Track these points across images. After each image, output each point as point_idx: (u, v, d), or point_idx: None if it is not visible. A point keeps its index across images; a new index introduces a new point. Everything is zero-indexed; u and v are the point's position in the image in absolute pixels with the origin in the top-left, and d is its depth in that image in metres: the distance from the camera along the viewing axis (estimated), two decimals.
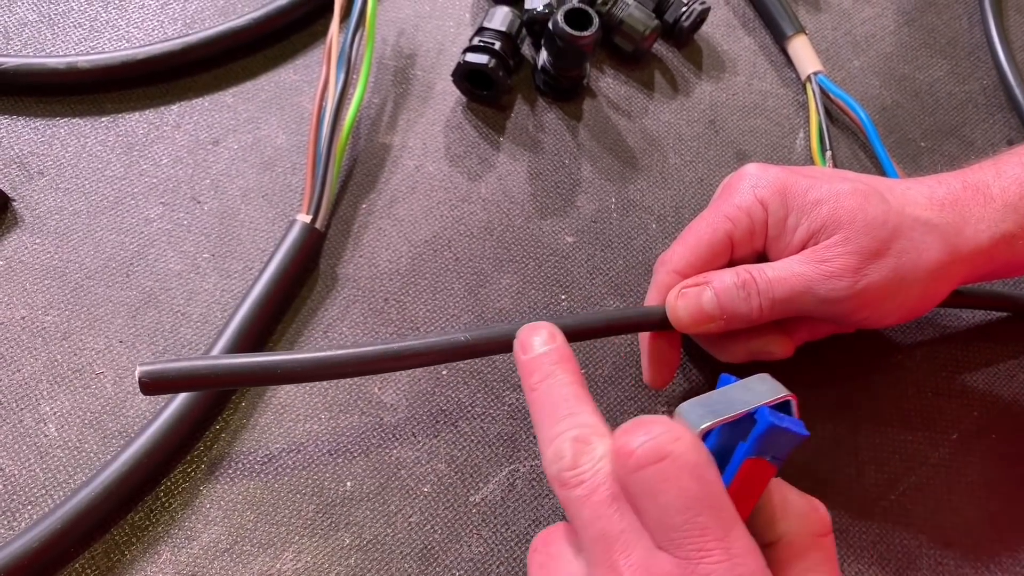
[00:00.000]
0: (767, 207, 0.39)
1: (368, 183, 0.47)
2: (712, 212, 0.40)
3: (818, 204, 0.38)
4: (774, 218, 0.39)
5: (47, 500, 0.37)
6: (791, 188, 0.39)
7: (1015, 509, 0.43)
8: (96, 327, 0.41)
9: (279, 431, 0.40)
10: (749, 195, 0.39)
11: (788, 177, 0.39)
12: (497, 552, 0.39)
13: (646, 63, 0.54)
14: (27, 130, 0.45)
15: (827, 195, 0.38)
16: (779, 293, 0.37)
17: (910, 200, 0.38)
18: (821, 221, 0.37)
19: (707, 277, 0.38)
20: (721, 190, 0.41)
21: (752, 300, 0.37)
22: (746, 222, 0.39)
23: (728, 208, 0.39)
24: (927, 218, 0.38)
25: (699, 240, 0.40)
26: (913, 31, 0.59)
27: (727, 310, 0.38)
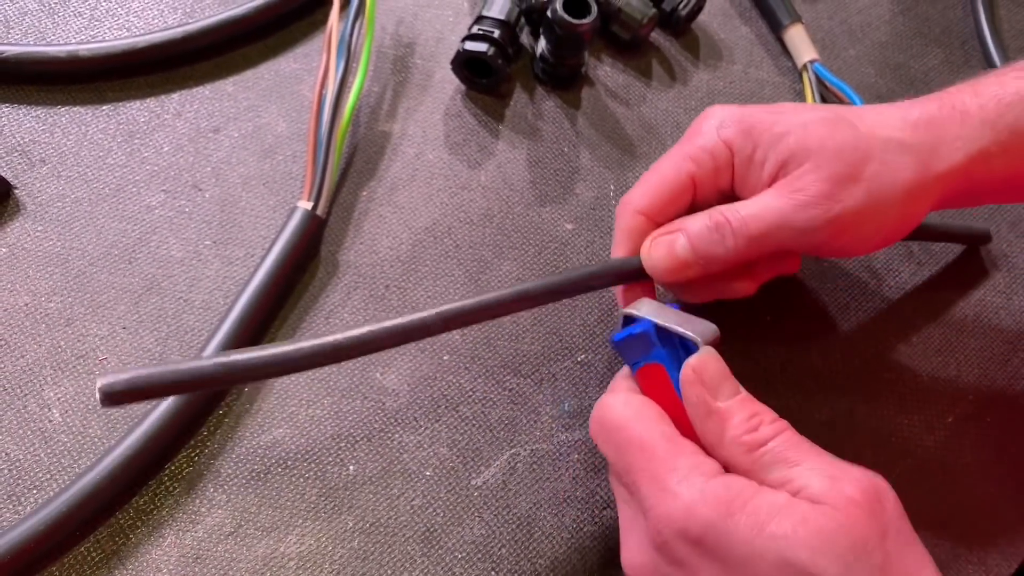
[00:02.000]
0: (732, 146, 0.38)
1: (368, 170, 0.48)
2: (675, 152, 0.39)
3: (784, 135, 0.37)
4: (740, 156, 0.38)
5: (52, 485, 0.38)
6: (756, 124, 0.38)
7: (1010, 491, 0.44)
8: (99, 313, 0.41)
9: (282, 416, 0.40)
10: (712, 135, 0.38)
11: (753, 113, 0.38)
12: (499, 534, 0.39)
13: (644, 52, 0.55)
14: (29, 118, 0.46)
15: (793, 125, 0.37)
16: (754, 230, 0.36)
17: (882, 123, 0.37)
18: (789, 151, 0.36)
19: (679, 223, 0.38)
20: (687, 132, 0.40)
21: (727, 241, 0.37)
22: (709, 163, 0.38)
23: (691, 148, 0.39)
24: (900, 139, 0.36)
25: (662, 180, 0.39)
26: (908, 20, 0.59)
27: (702, 254, 0.37)
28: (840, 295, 0.48)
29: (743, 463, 0.31)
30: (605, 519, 0.40)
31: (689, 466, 0.31)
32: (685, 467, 0.31)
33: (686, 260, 0.37)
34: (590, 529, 0.40)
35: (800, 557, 0.27)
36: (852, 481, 0.29)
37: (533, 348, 0.44)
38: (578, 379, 0.43)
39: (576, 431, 0.42)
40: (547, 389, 0.43)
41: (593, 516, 0.40)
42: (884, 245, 0.39)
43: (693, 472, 0.31)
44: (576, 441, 0.42)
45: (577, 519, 0.40)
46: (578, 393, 0.43)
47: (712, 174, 0.38)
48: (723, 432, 0.32)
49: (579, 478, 0.41)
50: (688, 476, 0.31)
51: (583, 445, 0.42)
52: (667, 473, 0.31)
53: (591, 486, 0.41)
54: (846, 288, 0.48)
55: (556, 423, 0.42)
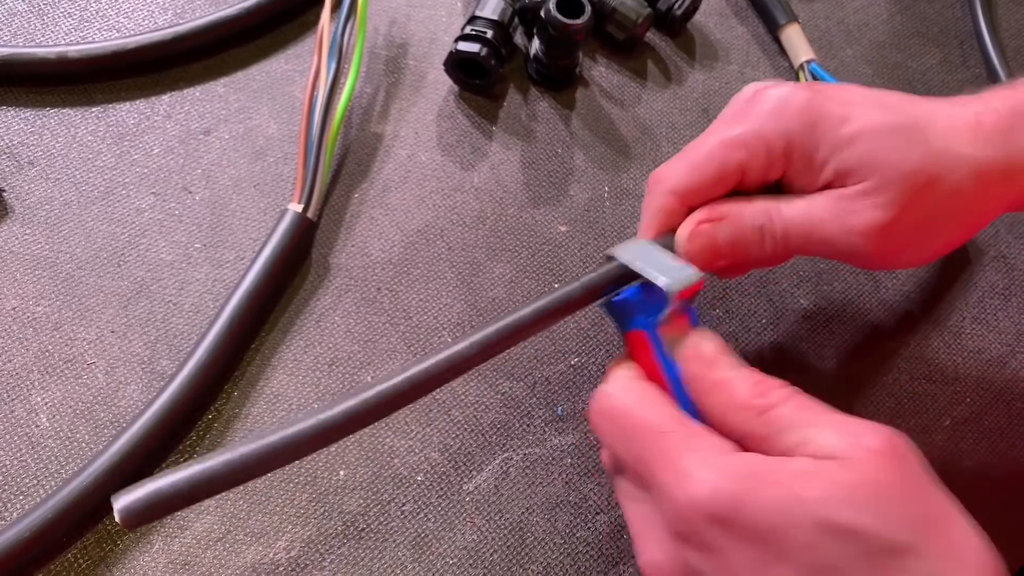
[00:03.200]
0: (792, 139, 0.34)
1: (360, 172, 0.47)
2: (725, 133, 0.35)
3: (852, 141, 0.33)
4: (799, 152, 0.34)
5: (39, 490, 0.37)
6: (823, 120, 0.34)
7: (1008, 495, 0.43)
8: (87, 317, 0.41)
9: (271, 420, 0.40)
10: (772, 124, 0.34)
11: (820, 104, 0.34)
12: (490, 540, 0.39)
13: (639, 52, 0.54)
14: (17, 120, 0.45)
15: (863, 131, 0.33)
16: (795, 238, 0.34)
17: (954, 133, 0.34)
18: (854, 161, 0.33)
19: (721, 212, 0.35)
20: (740, 105, 0.36)
21: (766, 244, 0.35)
22: (763, 154, 0.35)
23: (745, 134, 0.35)
24: (970, 155, 0.34)
25: (708, 162, 0.35)
26: (905, 19, 0.59)
27: (740, 251, 0.35)
28: (837, 297, 0.47)
29: (755, 430, 0.30)
30: (598, 524, 0.40)
31: (706, 447, 0.29)
32: (702, 448, 0.29)
33: (724, 253, 0.35)
34: (583, 534, 0.40)
35: (838, 516, 0.26)
36: (871, 434, 0.28)
37: (526, 351, 0.43)
38: (571, 383, 0.43)
39: (569, 435, 0.42)
40: (540, 393, 0.42)
41: (586, 521, 0.40)
42: (933, 261, 0.38)
43: (711, 452, 0.29)
44: (569, 445, 0.41)
45: (570, 524, 0.40)
46: (571, 397, 0.42)
47: (764, 165, 0.35)
48: (730, 401, 0.30)
49: (572, 483, 0.41)
50: (707, 456, 0.29)
51: (576, 449, 0.41)
52: (684, 455, 0.29)
53: (584, 491, 0.40)
54: (843, 290, 0.48)
55: (549, 427, 0.42)
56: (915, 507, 0.26)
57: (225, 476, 0.29)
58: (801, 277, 0.48)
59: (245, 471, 0.29)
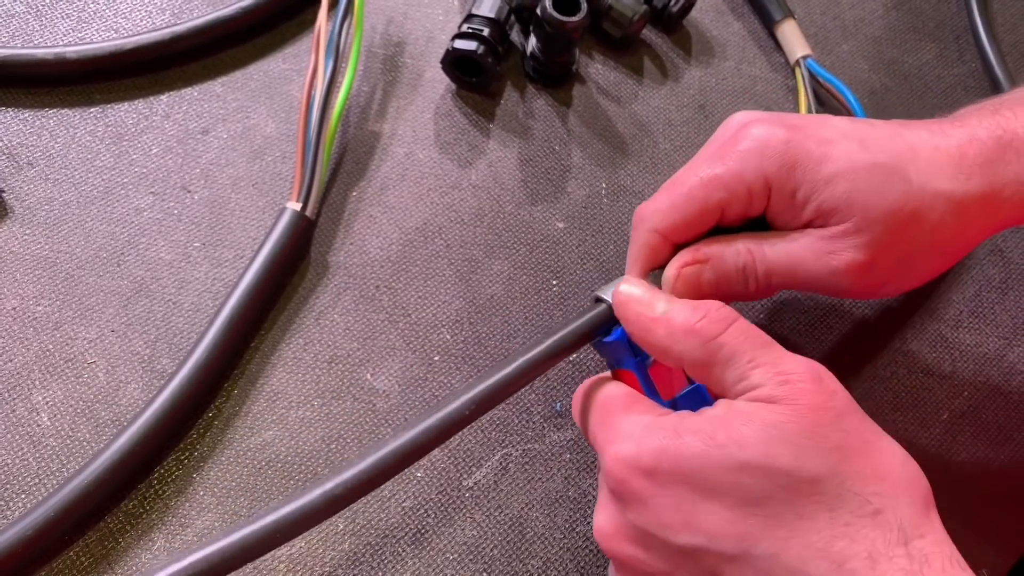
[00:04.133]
0: (771, 183, 0.35)
1: (358, 171, 0.47)
2: (706, 172, 0.36)
3: (832, 182, 0.34)
4: (779, 193, 0.35)
5: (40, 489, 0.37)
6: (802, 159, 0.34)
7: (1006, 488, 0.44)
8: (87, 316, 0.41)
9: (272, 418, 0.40)
10: (753, 166, 0.35)
11: (799, 144, 0.35)
12: (490, 535, 0.39)
13: (635, 49, 0.54)
14: (16, 121, 0.45)
15: (843, 171, 0.34)
16: (778, 277, 0.36)
17: (936, 168, 0.34)
18: (834, 202, 0.34)
19: (705, 254, 0.36)
20: (722, 142, 0.37)
21: (749, 284, 0.36)
22: (743, 194, 0.35)
23: (727, 176, 0.35)
24: (951, 191, 0.34)
25: (688, 201, 0.36)
26: (901, 15, 0.59)
27: (724, 291, 0.36)
28: None
29: (701, 358, 0.31)
30: None
31: (642, 410, 0.32)
32: (637, 411, 0.32)
33: (708, 294, 0.36)
34: (582, 529, 0.40)
35: (753, 455, 0.28)
36: (800, 374, 0.30)
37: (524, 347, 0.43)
38: (570, 379, 0.43)
39: (568, 431, 0.42)
40: (539, 389, 0.43)
41: (586, 516, 0.40)
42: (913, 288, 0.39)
43: (644, 414, 0.32)
44: (568, 441, 0.41)
45: (569, 519, 0.40)
46: (569, 392, 0.43)
47: (744, 204, 0.36)
48: (671, 330, 0.32)
49: (571, 478, 0.41)
50: (639, 418, 0.32)
51: (575, 445, 0.41)
52: (619, 420, 0.32)
53: (583, 486, 0.41)
54: None
55: (548, 423, 0.42)
56: (833, 438, 0.28)
57: None
58: None
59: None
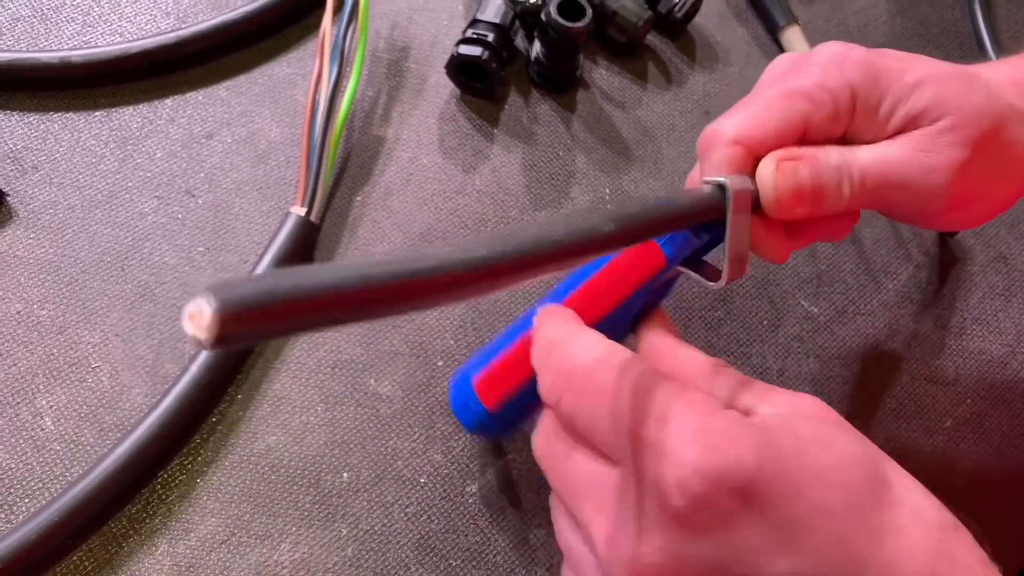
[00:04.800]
0: (856, 91, 0.33)
1: (362, 176, 0.47)
2: (787, 84, 0.33)
3: (918, 86, 0.32)
4: (864, 104, 0.33)
5: (44, 493, 0.37)
6: (884, 69, 0.33)
7: (1009, 496, 0.44)
8: (91, 321, 0.41)
9: (275, 423, 0.40)
10: (835, 75, 0.33)
11: (878, 58, 0.33)
12: (494, 541, 0.39)
13: (639, 54, 0.54)
14: (21, 125, 0.45)
15: (928, 77, 0.33)
16: (872, 181, 0.33)
17: (1000, 85, 0.34)
18: (924, 104, 0.32)
19: (799, 152, 0.32)
20: (787, 65, 0.35)
21: (844, 187, 0.32)
22: (829, 105, 0.32)
23: (808, 85, 0.32)
24: (1018, 105, 0.33)
25: (770, 112, 0.32)
26: (905, 21, 0.59)
27: (820, 196, 0.32)
28: (837, 298, 0.47)
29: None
30: None
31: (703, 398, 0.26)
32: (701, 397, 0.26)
33: (807, 195, 0.32)
34: None
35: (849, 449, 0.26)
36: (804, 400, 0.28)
37: None
38: None
39: None
40: None
41: None
42: (988, 220, 0.36)
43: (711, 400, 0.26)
44: None
45: None
46: None
47: (829, 118, 0.33)
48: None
49: None
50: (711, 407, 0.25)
51: None
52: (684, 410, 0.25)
53: None
54: (844, 291, 0.48)
55: None
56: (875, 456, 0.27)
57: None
58: (802, 279, 0.48)
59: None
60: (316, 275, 0.19)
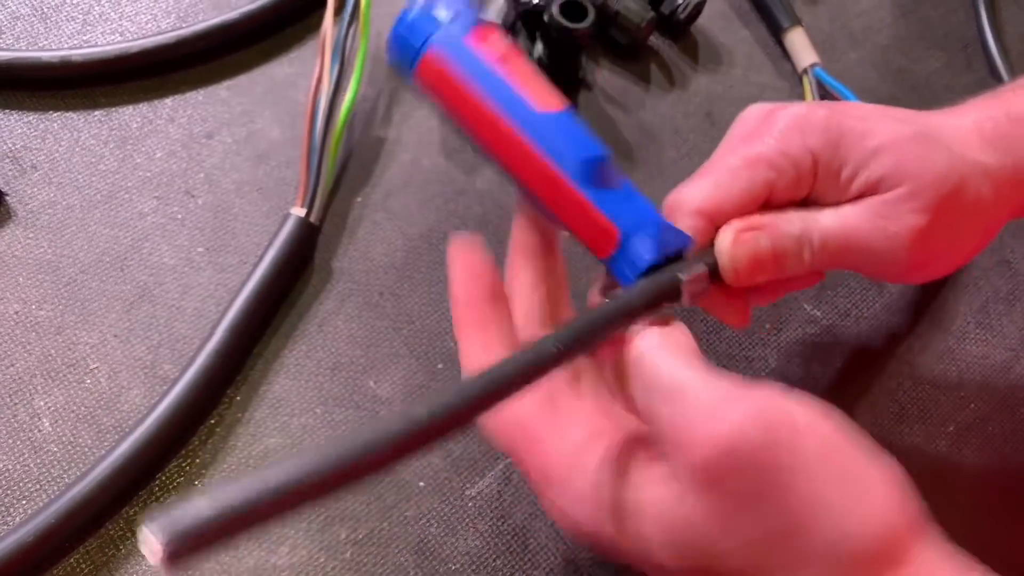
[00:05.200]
0: (817, 157, 0.33)
1: (363, 177, 0.47)
2: (748, 151, 0.34)
3: (878, 152, 0.33)
4: (825, 169, 0.33)
5: (41, 495, 0.37)
6: (846, 134, 0.33)
7: (1013, 501, 0.43)
8: (90, 321, 0.41)
9: (274, 425, 0.40)
10: (797, 144, 0.33)
11: (839, 121, 0.34)
12: (494, 545, 0.39)
13: (642, 56, 0.54)
14: (20, 124, 0.45)
15: (887, 142, 0.33)
16: (833, 246, 0.33)
17: (963, 140, 0.34)
18: (882, 171, 0.33)
19: (759, 222, 0.33)
20: (751, 124, 0.35)
21: (805, 255, 0.33)
22: (791, 173, 0.33)
23: (772, 153, 0.33)
24: (983, 163, 0.34)
25: (734, 181, 0.33)
26: (910, 23, 0.59)
27: (779, 263, 0.33)
28: (840, 302, 0.47)
29: None
30: None
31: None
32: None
33: (766, 265, 0.33)
34: None
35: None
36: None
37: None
38: None
39: None
40: None
41: None
42: (953, 271, 0.37)
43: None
44: None
45: None
46: None
47: (791, 184, 0.33)
48: None
49: None
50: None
51: None
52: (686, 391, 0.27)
53: None
54: (846, 294, 0.47)
55: None
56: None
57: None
58: None
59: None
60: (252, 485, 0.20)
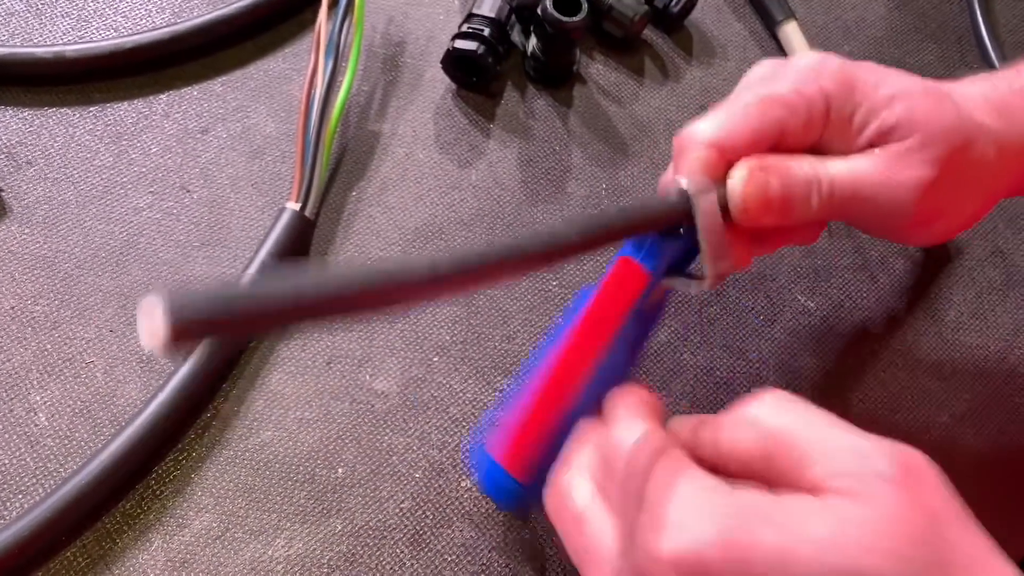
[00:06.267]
0: (830, 101, 0.33)
1: (358, 171, 0.47)
2: (763, 91, 0.33)
3: (891, 101, 0.33)
4: (837, 114, 0.33)
5: (38, 489, 0.37)
6: (859, 80, 0.33)
7: (1007, 492, 0.44)
8: (86, 316, 0.41)
9: (270, 418, 0.40)
10: (811, 83, 0.33)
11: (854, 69, 0.34)
12: (488, 536, 0.39)
13: (636, 49, 0.54)
14: (15, 120, 0.45)
15: (900, 91, 0.33)
16: (841, 194, 0.33)
17: (970, 102, 0.34)
18: (895, 120, 0.33)
19: (770, 162, 0.32)
20: (766, 71, 0.35)
21: (813, 200, 0.33)
22: (803, 112, 0.33)
23: (785, 92, 0.33)
24: (989, 125, 0.34)
25: (746, 117, 0.33)
26: (903, 16, 0.59)
27: (788, 207, 0.32)
28: (834, 292, 0.47)
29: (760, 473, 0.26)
30: None
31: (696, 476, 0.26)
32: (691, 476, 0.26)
33: (774, 205, 0.32)
34: None
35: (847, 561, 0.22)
36: (883, 458, 0.24)
37: (523, 349, 0.43)
38: None
39: None
40: None
41: None
42: (953, 236, 0.37)
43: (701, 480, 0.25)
44: None
45: None
46: None
47: (803, 125, 0.33)
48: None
49: None
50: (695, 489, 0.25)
51: None
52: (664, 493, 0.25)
53: None
54: (840, 285, 0.48)
55: None
56: (940, 547, 0.23)
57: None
58: (798, 273, 0.48)
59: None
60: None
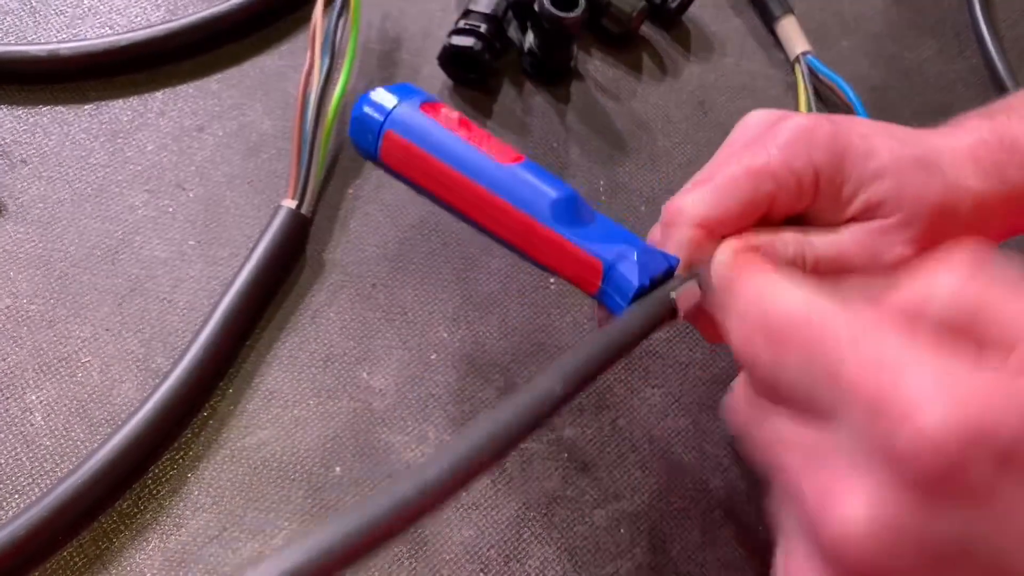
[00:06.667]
0: (820, 173, 0.33)
1: (354, 168, 0.47)
2: (751, 162, 0.33)
3: (879, 176, 0.33)
4: (827, 185, 0.33)
5: (34, 489, 0.37)
6: (848, 151, 0.33)
7: None
8: (81, 315, 0.41)
9: (267, 417, 0.40)
10: (802, 156, 0.33)
11: (844, 138, 0.34)
12: (487, 535, 0.39)
13: (634, 45, 0.54)
14: (9, 119, 0.45)
15: (889, 165, 0.33)
16: (824, 269, 0.33)
17: (960, 166, 0.34)
18: (881, 196, 0.33)
19: (756, 242, 0.33)
20: (754, 132, 0.35)
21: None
22: (793, 188, 0.33)
23: (775, 165, 0.33)
24: (973, 188, 0.34)
25: (735, 192, 0.33)
26: (901, 10, 0.59)
27: None
28: None
29: None
30: (595, 519, 0.40)
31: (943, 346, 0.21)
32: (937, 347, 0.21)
33: None
34: (580, 529, 0.39)
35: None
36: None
37: (522, 346, 0.43)
38: None
39: (565, 429, 0.41)
40: None
41: (583, 516, 0.40)
42: None
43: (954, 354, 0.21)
44: (565, 440, 0.41)
45: (567, 519, 0.40)
46: None
47: (792, 198, 0.33)
48: None
49: (569, 478, 0.40)
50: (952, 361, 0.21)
51: (573, 444, 0.41)
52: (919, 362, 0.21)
53: (581, 485, 0.40)
54: None
55: None
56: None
57: None
58: None
59: None
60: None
